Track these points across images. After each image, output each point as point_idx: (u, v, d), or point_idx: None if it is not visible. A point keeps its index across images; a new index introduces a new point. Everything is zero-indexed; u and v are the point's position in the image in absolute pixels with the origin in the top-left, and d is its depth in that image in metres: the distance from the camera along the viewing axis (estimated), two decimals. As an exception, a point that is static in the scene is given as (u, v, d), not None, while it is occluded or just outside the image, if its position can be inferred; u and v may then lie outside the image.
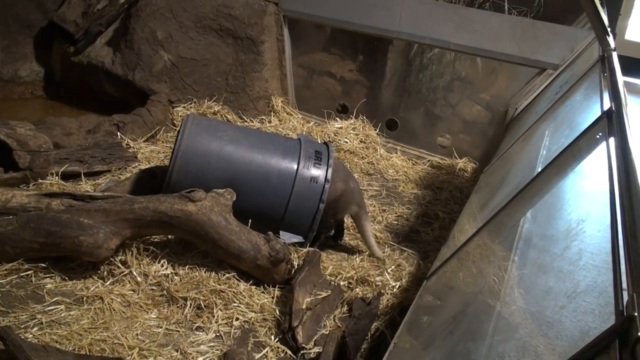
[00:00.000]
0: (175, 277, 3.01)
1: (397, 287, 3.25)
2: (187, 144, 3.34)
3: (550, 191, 2.20)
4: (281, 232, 3.36)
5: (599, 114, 2.07)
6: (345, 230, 3.84)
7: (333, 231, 3.75)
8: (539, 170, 2.37)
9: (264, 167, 3.37)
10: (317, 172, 3.40)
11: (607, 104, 2.12)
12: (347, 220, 3.88)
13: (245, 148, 3.40)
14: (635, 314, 0.92)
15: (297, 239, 3.40)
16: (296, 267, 3.17)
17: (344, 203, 3.54)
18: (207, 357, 2.63)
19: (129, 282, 2.99)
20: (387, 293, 3.19)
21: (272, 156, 3.40)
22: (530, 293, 1.92)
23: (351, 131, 5.32)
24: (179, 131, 3.40)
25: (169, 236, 3.24)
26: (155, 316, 2.83)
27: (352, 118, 5.50)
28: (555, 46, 4.73)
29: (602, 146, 1.89)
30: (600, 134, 1.96)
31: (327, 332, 2.80)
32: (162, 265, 3.07)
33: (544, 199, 2.23)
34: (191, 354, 2.62)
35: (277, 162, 3.39)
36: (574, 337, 1.43)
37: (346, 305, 3.07)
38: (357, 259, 3.53)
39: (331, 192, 3.40)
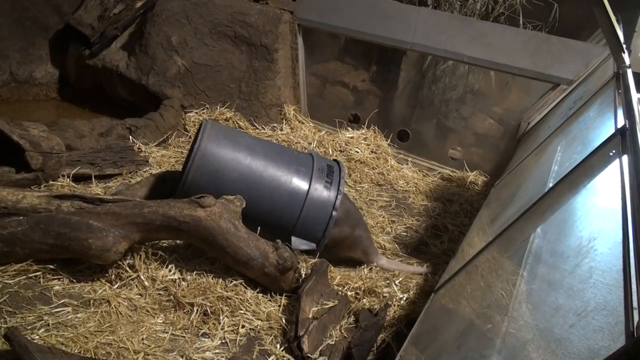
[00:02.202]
0: (183, 283, 3.01)
1: (404, 299, 3.23)
2: (207, 145, 3.36)
3: (561, 207, 2.18)
4: (293, 238, 3.36)
5: (612, 131, 2.06)
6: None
7: None
8: (551, 185, 2.36)
9: (280, 174, 3.41)
10: (328, 193, 3.44)
11: (621, 122, 2.10)
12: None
13: (262, 155, 3.45)
14: (646, 335, 0.91)
15: (309, 245, 3.39)
16: (304, 276, 3.16)
17: (348, 247, 3.59)
18: (211, 364, 2.63)
19: (137, 286, 2.99)
20: (394, 305, 3.18)
21: (288, 165, 3.46)
22: (539, 309, 1.90)
23: (362, 141, 5.32)
24: (198, 132, 3.43)
25: (178, 241, 3.24)
26: (161, 321, 2.83)
27: (363, 128, 5.50)
28: (569, 61, 4.71)
29: (615, 164, 1.87)
30: (613, 151, 1.94)
31: (333, 342, 2.79)
32: (170, 270, 3.07)
33: (555, 215, 2.22)
34: (196, 360, 2.62)
35: (292, 171, 3.44)
36: (582, 355, 1.41)
37: (353, 316, 3.05)
38: (364, 270, 3.52)
39: (335, 234, 3.44)
